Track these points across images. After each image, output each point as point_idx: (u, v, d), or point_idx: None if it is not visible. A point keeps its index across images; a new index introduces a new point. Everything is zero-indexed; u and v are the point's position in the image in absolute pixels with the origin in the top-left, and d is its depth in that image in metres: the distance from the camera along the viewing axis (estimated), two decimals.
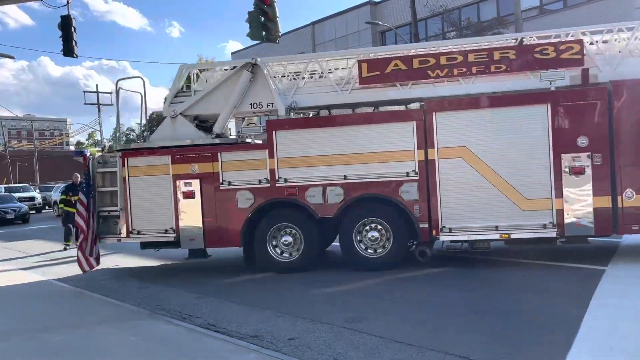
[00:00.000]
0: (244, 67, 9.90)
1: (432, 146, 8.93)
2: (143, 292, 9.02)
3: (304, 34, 42.88)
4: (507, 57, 9.01)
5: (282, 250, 9.64)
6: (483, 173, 8.80)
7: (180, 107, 10.13)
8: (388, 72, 9.40)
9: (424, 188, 8.98)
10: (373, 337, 5.90)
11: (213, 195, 9.66)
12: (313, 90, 10.00)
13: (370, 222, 9.35)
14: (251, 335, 6.25)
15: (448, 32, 31.99)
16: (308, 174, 9.37)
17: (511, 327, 5.92)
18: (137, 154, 10.04)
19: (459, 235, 8.97)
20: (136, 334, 6.41)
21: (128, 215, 9.93)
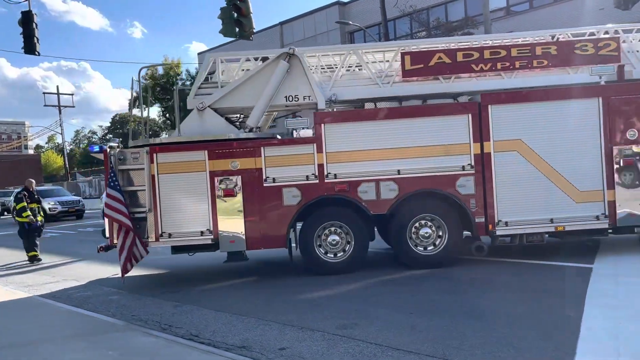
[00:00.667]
0: (281, 57, 9.37)
1: (488, 139, 8.92)
2: (116, 302, 8.51)
3: (272, 35, 42.44)
4: (548, 52, 9.13)
5: (327, 250, 9.15)
6: (538, 166, 8.87)
7: (208, 99, 9.39)
8: (432, 65, 9.22)
9: (480, 182, 8.93)
10: (369, 344, 5.62)
11: (256, 193, 9.03)
12: (350, 83, 9.63)
13: (422, 219, 9.12)
14: (238, 346, 5.88)
15: (417, 33, 32.16)
16: (359, 169, 8.99)
17: (510, 330, 5.73)
18: (167, 149, 9.14)
19: (515, 229, 8.90)
20: (113, 347, 5.95)
21: (157, 217, 9.01)
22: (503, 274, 8.44)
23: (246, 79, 9.49)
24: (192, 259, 11.47)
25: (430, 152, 8.96)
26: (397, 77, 9.45)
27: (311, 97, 9.37)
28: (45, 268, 12.62)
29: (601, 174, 8.84)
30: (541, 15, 28.15)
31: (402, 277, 8.72)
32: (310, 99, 9.38)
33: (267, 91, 9.31)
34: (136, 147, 9.30)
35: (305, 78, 9.36)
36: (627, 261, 8.70)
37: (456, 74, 9.27)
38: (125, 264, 8.78)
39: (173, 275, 10.56)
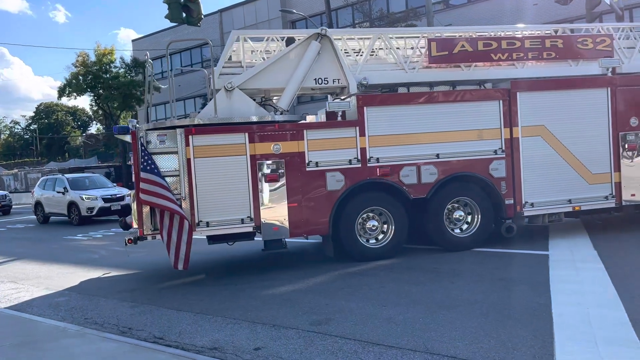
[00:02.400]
0: (312, 37, 9.09)
1: (516, 125, 9.39)
2: (64, 304, 7.91)
3: (210, 22, 41.28)
4: (556, 46, 9.77)
5: (366, 238, 9.08)
6: (558, 150, 9.50)
7: (237, 80, 8.92)
8: (456, 52, 9.47)
9: (509, 165, 9.36)
10: (347, 340, 5.47)
11: (299, 177, 8.71)
12: (376, 67, 9.57)
13: (456, 202, 9.36)
14: (210, 348, 5.56)
15: (360, 23, 32.25)
16: (401, 152, 9.02)
17: (487, 320, 5.75)
18: (205, 130, 8.47)
19: (539, 209, 9.47)
20: (71, 355, 5.48)
21: (193, 205, 8.34)
22: (466, 263, 8.55)
23: (276, 60, 9.15)
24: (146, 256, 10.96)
25: (466, 137, 9.26)
26: (422, 63, 9.59)
27: (341, 81, 9.22)
28: None
29: (609, 157, 9.70)
30: (480, 8, 28.95)
31: (367, 268, 8.64)
32: (340, 82, 9.24)
33: (299, 73, 9.06)
34: (166, 128, 8.52)
35: (336, 60, 9.18)
36: (579, 247, 9.06)
37: (477, 62, 9.61)
38: (177, 253, 8.08)
39: (125, 274, 9.98)
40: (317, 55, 9.14)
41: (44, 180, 22.61)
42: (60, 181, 21.02)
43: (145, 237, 8.35)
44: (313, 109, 12.69)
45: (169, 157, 8.39)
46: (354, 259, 9.05)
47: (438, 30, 10.43)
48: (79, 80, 41.62)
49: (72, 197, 19.81)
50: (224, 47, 9.99)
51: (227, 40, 9.60)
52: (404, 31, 11.95)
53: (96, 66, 41.59)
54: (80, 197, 19.58)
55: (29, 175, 44.36)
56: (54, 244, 15.23)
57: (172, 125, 8.61)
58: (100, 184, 21.50)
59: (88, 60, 41.88)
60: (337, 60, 9.21)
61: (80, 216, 19.49)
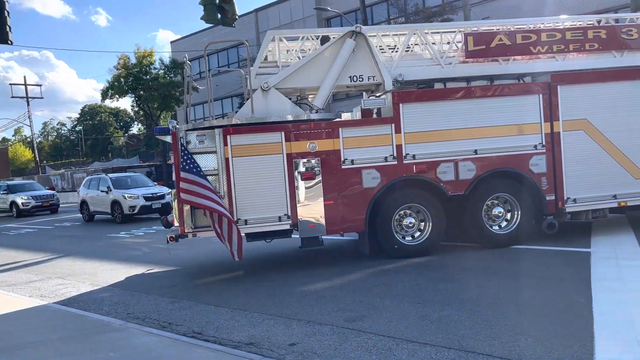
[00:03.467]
0: (346, 35, 9.13)
1: (557, 119, 9.20)
2: (108, 300, 8.21)
3: (246, 22, 41.74)
4: (599, 36, 9.50)
5: (397, 232, 9.05)
6: (602, 144, 9.26)
7: (273, 79, 9.06)
8: (493, 46, 9.35)
9: (550, 160, 9.19)
10: (381, 337, 5.49)
11: (334, 175, 8.78)
12: (412, 63, 9.55)
13: (495, 198, 9.26)
14: (246, 343, 5.69)
15: (395, 19, 32.00)
16: (437, 149, 8.98)
17: (524, 318, 5.67)
18: (242, 130, 8.67)
19: (582, 205, 9.22)
20: (115, 348, 5.69)
21: (232, 203, 8.52)
22: (502, 261, 8.41)
23: (311, 59, 9.23)
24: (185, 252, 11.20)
25: (504, 132, 9.11)
26: (459, 58, 9.50)
27: (376, 78, 9.24)
28: (27, 265, 12.15)
29: None
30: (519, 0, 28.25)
31: (400, 266, 8.62)
32: (375, 79, 9.25)
33: (334, 71, 9.12)
34: (204, 129, 8.75)
35: (371, 57, 9.19)
36: (622, 244, 8.78)
37: (515, 55, 9.44)
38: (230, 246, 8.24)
39: (166, 270, 10.26)
40: (352, 53, 9.15)
41: (89, 179, 23.37)
42: (104, 181, 21.70)
43: (186, 235, 8.56)
44: (349, 106, 12.72)
45: (208, 156, 8.59)
46: (390, 256, 9.03)
47: (475, 25, 10.28)
48: (121, 82, 42.83)
49: (115, 196, 20.43)
50: (260, 46, 10.14)
51: (263, 41, 9.70)
52: (440, 26, 11.84)
53: (137, 68, 42.72)
54: (123, 196, 20.18)
55: (75, 175, 45.97)
56: (98, 241, 15.77)
57: (211, 126, 8.79)
58: (142, 183, 22.10)
59: (129, 62, 43.05)
60: (372, 57, 9.20)
61: (123, 214, 20.08)
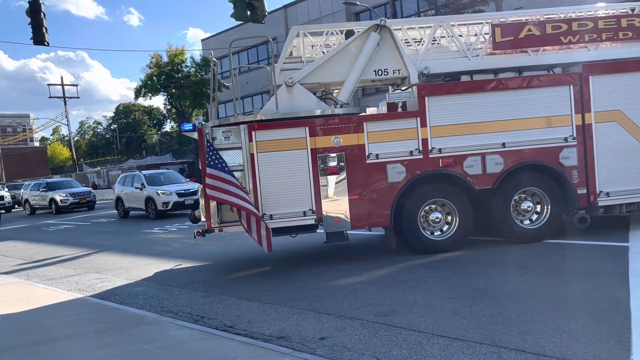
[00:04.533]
0: (371, 29, 9.06)
1: (589, 110, 8.95)
2: (142, 294, 8.40)
3: (275, 18, 41.90)
4: (633, 25, 9.20)
5: (424, 227, 8.98)
6: (637, 136, 8.98)
7: (297, 75, 9.04)
8: (522, 37, 9.15)
9: (581, 153, 8.95)
10: (412, 331, 5.46)
11: (359, 170, 8.75)
12: (438, 56, 9.43)
13: (523, 192, 9.09)
14: (277, 337, 5.74)
15: (424, 12, 31.60)
16: (463, 142, 8.85)
17: (558, 314, 5.55)
18: (267, 126, 8.74)
19: (616, 199, 8.97)
20: (149, 341, 5.82)
21: (257, 199, 8.60)
22: (536, 256, 8.24)
23: (335, 53, 9.18)
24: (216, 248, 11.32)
25: (533, 124, 8.92)
26: (486, 50, 9.33)
27: (401, 71, 9.14)
28: (65, 260, 12.53)
29: None
30: None
31: (430, 261, 8.54)
32: (400, 72, 9.15)
33: (359, 65, 9.04)
34: (230, 125, 8.86)
35: (396, 51, 9.09)
36: None
37: (545, 46, 9.22)
38: (259, 239, 8.33)
39: (198, 265, 10.42)
40: (377, 47, 9.06)
41: (123, 177, 23.92)
42: (138, 177, 22.17)
43: (213, 229, 8.68)
44: (378, 100, 12.64)
45: (234, 152, 8.69)
46: (417, 251, 8.97)
47: (503, 15, 10.02)
48: (153, 81, 43.62)
49: (149, 192, 20.85)
50: None
51: (287, 36, 9.70)
52: (467, 18, 11.56)
53: (169, 66, 43.41)
54: (157, 193, 20.58)
55: (110, 172, 47.00)
56: (133, 237, 16.13)
57: (236, 122, 8.89)
58: (175, 180, 22.49)
59: (161, 61, 43.79)
60: (397, 51, 9.10)
61: (156, 210, 20.49)
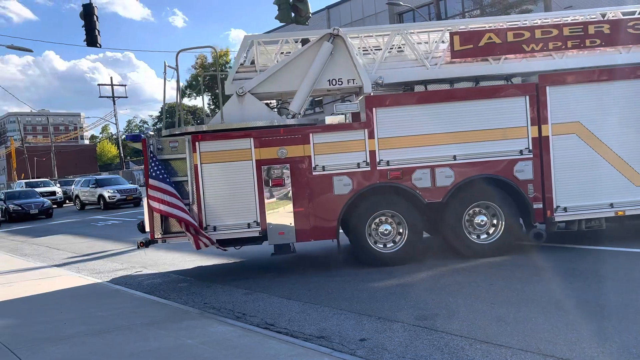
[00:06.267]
0: (324, 38, 8.94)
1: (546, 122, 8.67)
2: (186, 289, 8.60)
3: (318, 19, 42.06)
4: (601, 31, 8.83)
5: (376, 241, 8.84)
6: (597, 149, 8.66)
7: (248, 84, 8.98)
8: (482, 45, 8.90)
9: (538, 166, 8.69)
10: (454, 336, 5.39)
11: (305, 182, 8.65)
12: (396, 65, 9.25)
13: (477, 206, 8.86)
14: (317, 336, 5.77)
15: (469, 12, 31.09)
16: (413, 155, 8.66)
17: (609, 323, 5.37)
18: (211, 137, 8.68)
19: (574, 214, 8.67)
20: (192, 336, 5.96)
21: (200, 210, 8.60)
22: (583, 263, 8.00)
23: (287, 62, 9.04)
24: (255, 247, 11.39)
25: (486, 136, 8.63)
26: (445, 59, 9.07)
27: (356, 81, 8.97)
28: (112, 255, 12.96)
29: None
30: None
31: (474, 265, 8.41)
32: (355, 82, 8.98)
33: (311, 74, 8.88)
34: (176, 136, 8.87)
35: (350, 60, 8.93)
36: None
37: (507, 54, 8.94)
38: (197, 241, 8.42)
39: (239, 262, 10.59)
40: (330, 56, 8.88)
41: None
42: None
43: (156, 240, 8.70)
44: None
45: (180, 163, 8.67)
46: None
47: (463, 22, 9.69)
48: (198, 81, 44.55)
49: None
50: None
51: (241, 46, 9.45)
52: (425, 25, 10.90)
53: (213, 67, 44.22)
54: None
55: None
56: None
57: (181, 133, 8.84)
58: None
59: (206, 61, 44.68)
60: (351, 60, 8.90)
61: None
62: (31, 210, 27.13)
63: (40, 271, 11.09)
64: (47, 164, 68.78)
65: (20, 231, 21.62)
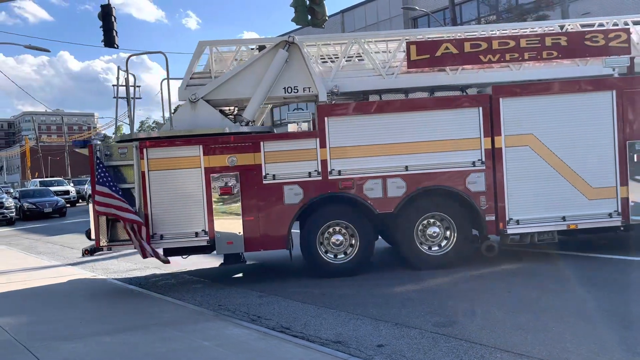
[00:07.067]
0: (279, 45, 8.80)
1: (499, 134, 8.54)
2: (201, 290, 8.58)
3: (332, 23, 42.03)
4: (558, 44, 8.74)
5: (328, 250, 8.70)
6: (550, 162, 8.55)
7: (201, 91, 8.78)
8: (439, 55, 8.77)
9: (490, 178, 8.56)
10: (473, 344, 5.32)
11: (255, 190, 8.50)
12: (353, 74, 9.16)
13: (430, 217, 8.71)
14: (333, 341, 5.72)
15: (485, 17, 30.93)
16: (365, 165, 8.55)
17: (630, 333, 5.27)
18: (159, 144, 8.54)
19: (526, 227, 8.55)
20: (208, 338, 5.93)
21: (148, 218, 8.39)
22: (603, 272, 7.89)
23: (242, 69, 8.90)
24: None
25: (439, 147, 8.55)
26: (402, 68, 8.98)
27: (311, 89, 8.83)
28: (126, 255, 12.95)
29: (614, 169, 8.53)
30: None
31: (489, 272, 8.34)
32: (311, 90, 8.84)
33: (265, 82, 8.75)
34: (124, 142, 8.76)
35: (305, 68, 8.80)
36: None
37: (463, 65, 8.86)
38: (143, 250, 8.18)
39: (252, 265, 10.56)
40: (286, 64, 8.76)
41: None
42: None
43: (102, 248, 8.56)
44: None
45: (129, 169, 8.59)
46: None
47: (421, 32, 9.67)
48: None
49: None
50: None
51: (195, 51, 9.19)
52: (382, 35, 10.70)
53: None
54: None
55: None
56: None
57: (130, 139, 8.71)
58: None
59: None
60: (307, 68, 8.78)
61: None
62: (45, 208, 27.34)
63: (55, 270, 11.15)
64: (60, 163, 69.45)
65: (34, 229, 21.80)
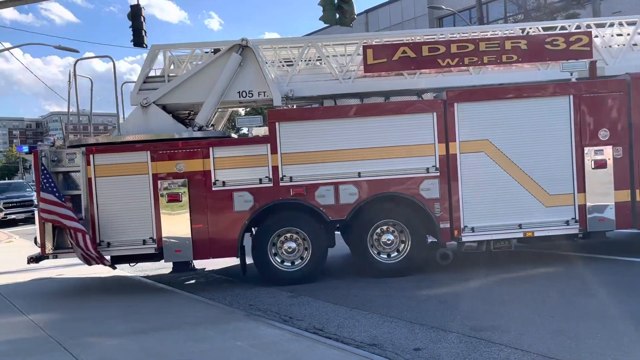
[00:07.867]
0: (232, 49, 8.68)
1: (454, 140, 8.39)
2: (230, 290, 8.55)
3: (356, 23, 41.81)
4: (518, 47, 8.65)
5: (283, 259, 8.58)
6: (506, 168, 8.40)
7: (153, 95, 8.69)
8: (395, 59, 8.68)
9: (445, 185, 8.41)
10: (513, 349, 5.17)
11: (204, 197, 8.35)
12: (310, 78, 9.10)
13: (384, 224, 8.57)
14: (368, 344, 5.62)
15: (513, 16, 30.46)
16: (316, 171, 8.40)
17: None
18: (105, 149, 8.42)
19: (481, 235, 8.44)
20: (241, 338, 5.89)
21: (94, 225, 8.27)
22: (637, 276, 7.65)
23: (195, 73, 8.80)
24: None
25: (392, 153, 8.38)
26: (358, 73, 8.87)
27: (266, 93, 8.72)
28: None
29: (572, 176, 8.38)
30: None
31: (524, 275, 8.17)
32: (266, 94, 8.73)
33: (218, 86, 8.61)
34: (72, 147, 8.60)
35: (260, 72, 8.69)
36: None
37: (421, 69, 8.76)
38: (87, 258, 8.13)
39: None
40: (239, 67, 8.63)
41: None
42: None
43: (47, 256, 8.43)
44: None
45: (77, 175, 8.46)
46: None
47: (377, 36, 9.51)
48: None
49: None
50: None
51: (148, 55, 9.08)
52: (340, 38, 10.47)
53: None
54: None
55: None
56: None
57: (79, 144, 8.55)
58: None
59: None
60: (261, 72, 8.66)
61: None
62: None
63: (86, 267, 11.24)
64: None
65: None
